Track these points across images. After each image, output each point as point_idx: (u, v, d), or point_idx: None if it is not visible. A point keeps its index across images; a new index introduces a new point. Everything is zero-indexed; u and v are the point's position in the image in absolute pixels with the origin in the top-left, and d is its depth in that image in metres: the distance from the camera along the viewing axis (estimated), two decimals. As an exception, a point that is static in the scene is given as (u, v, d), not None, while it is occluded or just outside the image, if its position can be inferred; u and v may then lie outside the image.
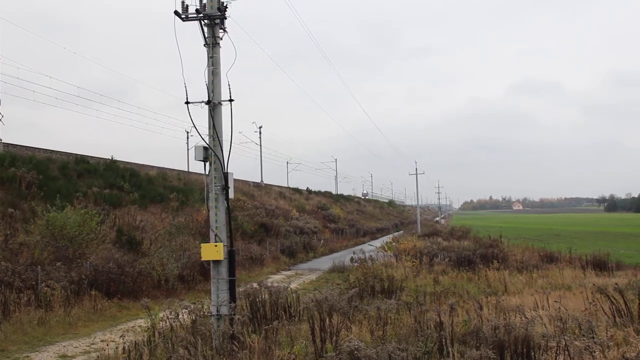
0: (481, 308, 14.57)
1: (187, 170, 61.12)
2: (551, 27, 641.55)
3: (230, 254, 14.48)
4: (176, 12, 15.04)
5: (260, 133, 79.08)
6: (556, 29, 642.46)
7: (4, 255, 21.19)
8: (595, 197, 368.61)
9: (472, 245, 38.88)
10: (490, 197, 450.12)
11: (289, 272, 35.78)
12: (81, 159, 37.82)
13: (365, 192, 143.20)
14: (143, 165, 46.86)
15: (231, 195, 15.06)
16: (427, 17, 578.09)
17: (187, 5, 15.13)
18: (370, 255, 32.38)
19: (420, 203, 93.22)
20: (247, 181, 68.68)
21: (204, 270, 26.00)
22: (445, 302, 14.42)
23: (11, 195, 27.21)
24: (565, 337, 10.02)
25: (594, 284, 17.16)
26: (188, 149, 72.70)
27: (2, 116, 33.12)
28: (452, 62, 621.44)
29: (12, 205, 26.06)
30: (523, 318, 11.79)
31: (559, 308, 14.15)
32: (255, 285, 16.79)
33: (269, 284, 17.30)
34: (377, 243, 55.12)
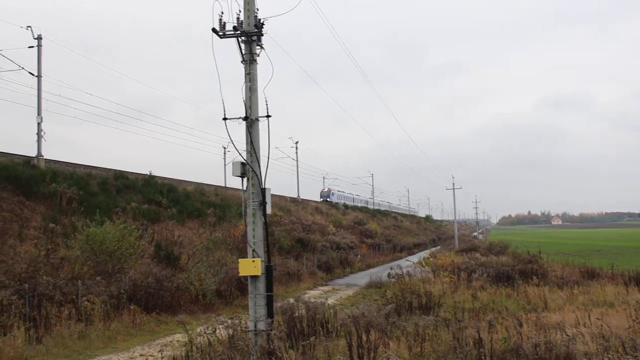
0: (521, 325, 14.34)
1: (224, 185, 61.46)
2: (581, 41, 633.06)
3: (268, 270, 14.50)
4: (214, 30, 15.19)
5: (296, 148, 79.37)
6: (586, 42, 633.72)
7: (45, 269, 21.49)
8: (638, 211, 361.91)
9: (511, 260, 38.33)
10: (529, 212, 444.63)
11: (325, 288, 35.70)
12: (120, 175, 38.30)
13: (382, 201, 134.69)
14: (181, 180, 47.29)
15: (269, 210, 15.09)
16: (454, 33, 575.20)
17: (225, 23, 15.27)
18: (408, 271, 32.17)
19: (457, 218, 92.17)
20: (284, 196, 68.84)
21: (241, 285, 26.10)
22: (484, 319, 14.24)
23: (52, 210, 27.64)
24: (609, 356, 9.82)
25: (637, 301, 16.81)
26: (225, 165, 73.25)
27: (44, 132, 33.72)
28: (480, 78, 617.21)
29: (53, 220, 26.46)
30: (564, 335, 11.60)
31: (602, 325, 13.86)
32: (292, 300, 16.78)
33: (306, 300, 17.28)
34: (414, 258, 54.74)
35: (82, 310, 19.41)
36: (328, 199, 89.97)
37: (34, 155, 33.03)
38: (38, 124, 33.74)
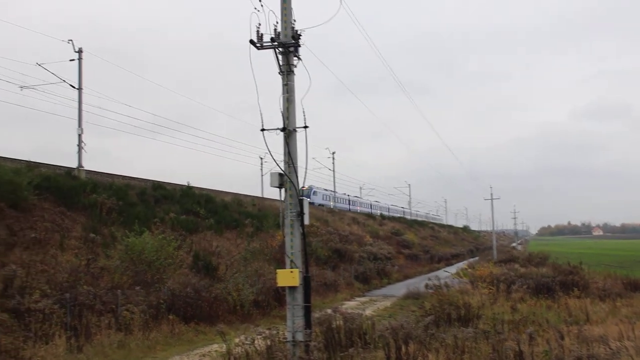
0: (562, 337, 14.09)
1: (261, 196, 61.76)
2: (617, 49, 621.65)
3: (306, 280, 14.49)
4: (252, 41, 15.29)
5: (333, 159, 79.44)
6: (623, 50, 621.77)
7: (86, 279, 21.74)
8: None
9: (551, 272, 37.71)
10: (569, 223, 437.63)
11: (363, 299, 35.56)
12: (158, 186, 38.68)
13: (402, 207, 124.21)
14: (218, 191, 47.62)
15: (306, 221, 15.10)
16: (489, 42, 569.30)
17: (262, 35, 15.37)
18: (446, 282, 31.87)
19: (495, 228, 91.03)
20: (321, 206, 68.92)
21: (278, 295, 26.09)
22: (524, 331, 14.04)
23: (92, 220, 28.00)
24: (655, 370, 9.58)
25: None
26: (262, 175, 73.68)
27: (85, 144, 34.26)
28: (517, 86, 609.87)
29: (93, 230, 26.81)
30: (607, 349, 11.37)
31: (647, 339, 13.55)
32: (329, 311, 16.71)
33: (344, 310, 17.20)
34: (452, 269, 54.29)
35: (122, 319, 19.59)
36: (308, 200, 77.97)
37: (75, 167, 33.56)
38: (79, 135, 34.32)
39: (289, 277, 14.54)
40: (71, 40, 34.76)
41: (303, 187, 61.07)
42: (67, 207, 27.82)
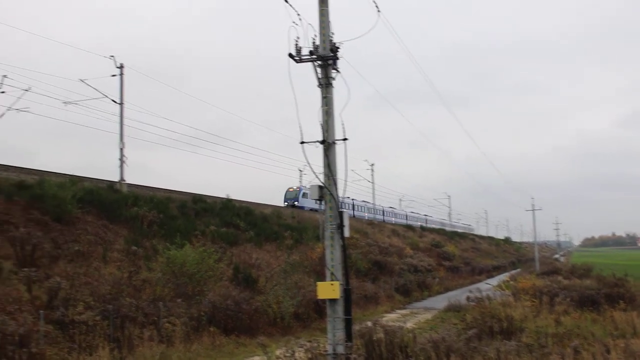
0: (608, 351, 13.78)
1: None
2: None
3: (346, 293, 14.44)
4: (291, 55, 15.36)
5: (372, 171, 79.33)
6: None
7: (128, 291, 21.95)
8: None
9: (595, 284, 36.97)
10: (613, 234, 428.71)
11: (403, 311, 35.30)
12: (199, 199, 38.98)
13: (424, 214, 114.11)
14: (258, 203, 47.82)
15: (346, 233, 15.07)
16: (528, 51, 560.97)
17: (301, 48, 15.43)
18: (487, 294, 31.45)
19: (537, 240, 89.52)
20: (360, 218, 68.76)
21: (318, 308, 26.04)
22: (569, 345, 13.77)
23: (134, 233, 28.33)
24: None
25: None
26: (301, 188, 73.71)
27: (127, 158, 34.73)
28: (556, 96, 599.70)
29: (135, 243, 27.11)
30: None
31: (698, 353, 13.17)
32: (370, 324, 16.60)
33: (384, 323, 17.07)
34: (494, 281, 53.57)
35: (164, 331, 19.72)
36: (296, 204, 62.76)
37: (117, 180, 34.02)
38: (120, 149, 34.79)
39: (329, 289, 14.50)
40: (113, 56, 35.34)
41: (290, 188, 60.43)
42: (109, 220, 28.20)
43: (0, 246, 21.55)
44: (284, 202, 63.71)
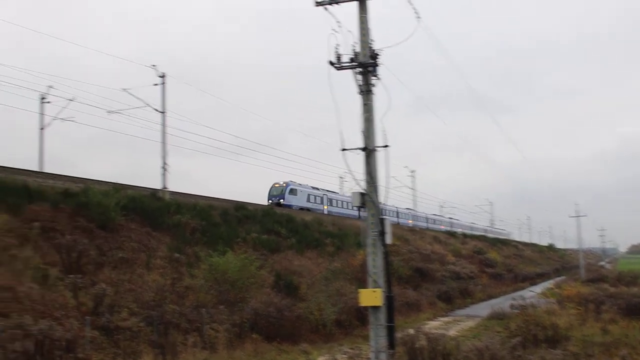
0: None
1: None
2: None
3: (389, 300, 14.36)
4: (331, 62, 15.38)
5: (413, 177, 78.99)
6: None
7: (171, 298, 22.17)
8: None
9: (643, 291, 36.18)
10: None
11: (446, 319, 34.99)
12: (240, 206, 39.20)
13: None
14: (299, 211, 47.90)
15: (388, 240, 15.01)
16: (566, 55, 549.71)
17: (341, 55, 15.44)
18: (531, 302, 31.00)
19: (581, 246, 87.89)
20: (401, 225, 68.46)
21: (360, 315, 25.94)
22: (617, 354, 13.48)
23: (177, 240, 28.56)
24: None
25: None
26: (342, 195, 73.65)
27: (169, 166, 35.13)
28: (597, 100, 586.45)
29: (177, 250, 27.33)
30: None
31: None
32: (412, 331, 16.49)
33: (427, 331, 16.94)
34: (537, 289, 52.85)
35: (207, 338, 19.85)
36: (282, 202, 54.14)
37: (159, 188, 34.42)
38: (163, 157, 35.22)
39: (371, 296, 14.44)
40: (155, 65, 35.84)
41: (276, 183, 53.95)
42: (152, 227, 28.48)
43: (46, 253, 21.88)
44: (268, 199, 55.30)
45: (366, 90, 15.79)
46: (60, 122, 39.42)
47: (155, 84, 35.96)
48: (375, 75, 15.93)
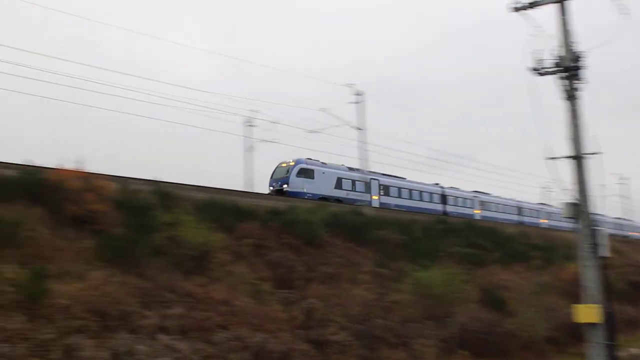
0: None
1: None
2: None
3: (609, 317, 13.56)
4: (533, 69, 14.91)
5: (625, 185, 74.13)
6: None
7: (377, 312, 22.40)
8: None
9: None
10: None
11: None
12: (442, 220, 38.94)
13: None
14: (502, 223, 46.69)
15: (604, 253, 14.18)
16: None
17: (541, 60, 14.94)
18: None
19: None
20: (613, 235, 64.37)
21: (574, 331, 24.63)
22: None
23: (380, 255, 28.86)
24: None
25: None
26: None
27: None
28: None
29: (381, 265, 27.61)
30: None
31: None
32: (633, 350, 15.40)
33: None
34: None
35: (415, 353, 19.80)
36: (285, 188, 38.58)
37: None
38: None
39: (587, 312, 13.70)
40: (352, 84, 36.70)
41: (283, 163, 39.24)
42: (356, 242, 29.03)
43: (259, 269, 23.05)
44: (269, 186, 40.31)
45: (571, 95, 15.08)
46: (263, 143, 41.63)
47: (355, 102, 36.87)
48: (579, 79, 15.18)
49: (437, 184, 53.60)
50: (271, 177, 40.42)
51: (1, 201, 19.00)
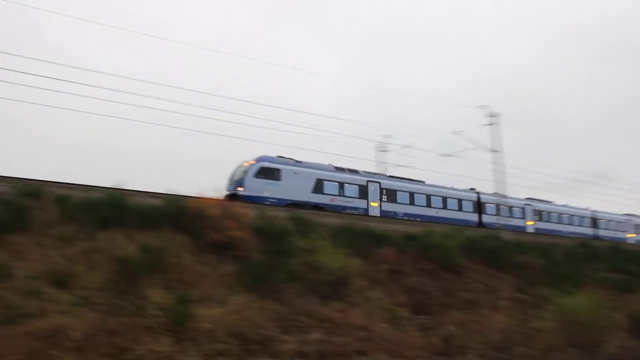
0: None
1: None
2: None
3: None
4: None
5: None
6: None
7: (519, 339, 21.66)
8: None
9: None
10: None
11: None
12: (585, 243, 37.34)
13: None
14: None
15: None
16: None
17: None
18: None
19: None
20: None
21: None
22: None
23: (520, 280, 27.96)
24: None
25: None
26: None
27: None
28: None
29: (521, 290, 26.74)
30: None
31: None
32: None
33: None
34: None
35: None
36: (239, 191, 32.02)
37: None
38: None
39: None
40: (486, 106, 36.09)
41: (245, 162, 33.13)
42: (494, 267, 28.28)
43: (395, 294, 22.90)
44: (226, 189, 33.17)
45: None
46: (396, 168, 41.58)
47: (490, 124, 36.22)
48: None
49: (472, 189, 45.19)
50: (228, 179, 34.20)
51: (149, 229, 20.06)
